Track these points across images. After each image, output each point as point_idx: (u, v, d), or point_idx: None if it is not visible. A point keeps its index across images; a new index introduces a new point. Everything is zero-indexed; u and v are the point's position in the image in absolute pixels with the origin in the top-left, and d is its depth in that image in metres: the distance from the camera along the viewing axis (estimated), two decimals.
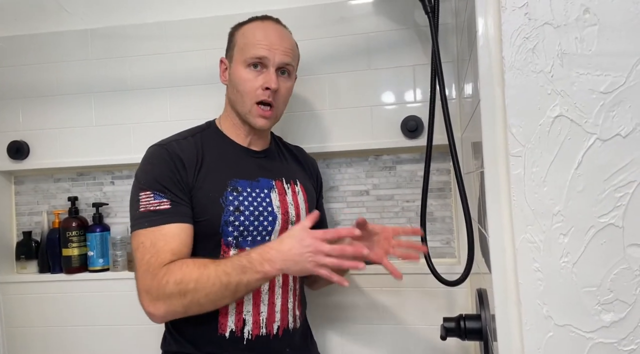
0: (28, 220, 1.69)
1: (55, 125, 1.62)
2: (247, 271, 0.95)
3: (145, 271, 0.97)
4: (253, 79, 1.10)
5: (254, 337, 1.08)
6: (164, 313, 0.97)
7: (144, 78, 1.59)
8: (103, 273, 1.58)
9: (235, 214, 1.07)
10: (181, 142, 1.11)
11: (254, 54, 1.10)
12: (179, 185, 1.04)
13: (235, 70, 1.12)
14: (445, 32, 1.41)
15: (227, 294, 0.96)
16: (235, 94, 1.13)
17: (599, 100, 0.67)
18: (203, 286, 0.94)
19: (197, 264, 0.97)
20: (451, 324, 1.03)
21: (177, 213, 1.02)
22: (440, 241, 1.48)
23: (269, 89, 1.10)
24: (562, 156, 0.68)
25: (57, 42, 1.62)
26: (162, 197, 1.02)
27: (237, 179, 1.11)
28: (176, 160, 1.06)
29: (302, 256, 0.93)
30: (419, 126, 1.42)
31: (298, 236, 0.94)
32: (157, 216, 1.01)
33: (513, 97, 0.69)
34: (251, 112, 1.12)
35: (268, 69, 1.11)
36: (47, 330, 1.60)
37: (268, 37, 1.11)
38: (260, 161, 1.18)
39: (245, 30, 1.14)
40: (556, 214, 0.68)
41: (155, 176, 1.04)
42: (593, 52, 0.67)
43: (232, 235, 1.07)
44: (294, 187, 1.20)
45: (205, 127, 1.20)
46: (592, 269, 0.67)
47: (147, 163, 1.08)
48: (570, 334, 0.67)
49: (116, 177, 1.65)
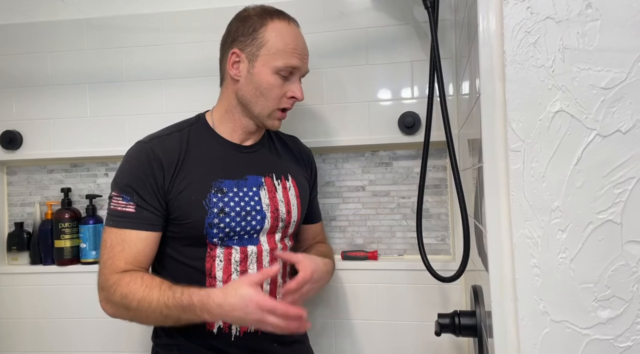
0: (20, 211, 1.67)
1: (49, 115, 1.61)
2: (187, 312, 0.94)
3: (101, 269, 1.03)
4: (280, 86, 1.09)
5: (241, 333, 1.08)
6: (112, 313, 1.02)
7: (140, 69, 1.57)
8: (95, 265, 1.54)
9: (220, 216, 1.06)
10: (164, 139, 1.09)
11: (289, 64, 1.08)
12: (149, 189, 1.04)
13: (262, 73, 1.08)
14: (444, 28, 1.41)
15: (168, 322, 0.98)
16: (257, 96, 1.09)
17: (600, 96, 0.66)
18: (145, 309, 0.96)
19: (144, 284, 0.97)
20: (446, 320, 1.03)
21: (140, 219, 1.03)
22: (436, 237, 1.48)
23: (294, 98, 1.11)
24: (561, 151, 0.68)
25: (52, 32, 1.60)
26: (129, 200, 1.04)
27: (223, 179, 1.09)
28: (153, 161, 1.05)
29: (244, 320, 0.92)
30: (416, 122, 1.41)
31: (246, 298, 0.90)
32: (121, 217, 1.04)
33: (513, 92, 0.69)
34: (271, 116, 1.12)
35: (295, 78, 1.11)
36: (38, 322, 1.59)
37: (299, 46, 1.11)
38: (249, 156, 1.16)
39: (275, 31, 1.08)
40: (555, 209, 0.68)
41: (128, 177, 1.05)
42: (595, 48, 0.66)
43: (217, 236, 1.06)
44: (284, 183, 1.18)
45: (194, 121, 1.16)
46: (589, 265, 0.67)
47: (125, 161, 1.08)
48: (566, 330, 0.67)
49: (110, 169, 1.63)
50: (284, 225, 1.15)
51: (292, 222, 1.17)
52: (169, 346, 1.11)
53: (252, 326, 0.97)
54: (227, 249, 1.08)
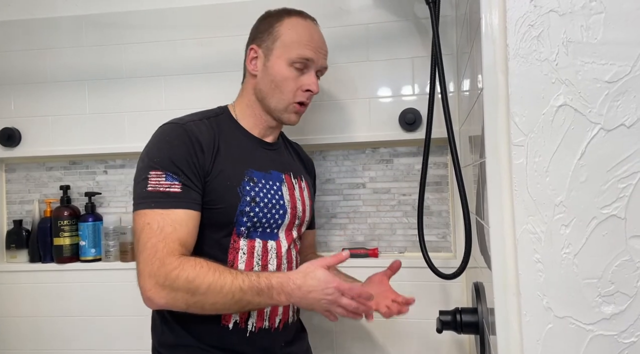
0: (19, 208, 1.66)
1: (48, 112, 1.60)
2: (262, 295, 0.93)
3: (152, 255, 0.93)
4: (295, 78, 1.09)
5: (257, 329, 1.07)
6: (164, 302, 0.94)
7: (139, 66, 1.56)
8: (95, 263, 1.56)
9: (252, 205, 1.05)
10: (198, 123, 1.05)
11: (302, 55, 1.08)
12: (194, 169, 0.99)
13: (276, 66, 1.09)
14: (445, 24, 1.40)
15: (234, 308, 0.96)
16: (273, 89, 1.10)
17: (604, 89, 0.66)
18: (214, 293, 0.92)
19: (212, 268, 0.93)
20: (447, 317, 1.02)
21: (187, 198, 0.98)
22: (437, 235, 1.47)
23: (309, 91, 1.11)
24: (565, 145, 0.67)
25: (51, 28, 1.60)
26: (175, 179, 0.97)
27: (253, 170, 1.09)
28: (194, 142, 1.01)
29: (319, 302, 0.94)
30: (417, 119, 1.41)
31: (324, 280, 0.93)
32: (166, 198, 0.96)
33: (516, 86, 0.68)
34: (288, 109, 1.11)
35: (310, 71, 1.11)
36: (37, 320, 1.58)
37: (314, 39, 1.11)
38: (272, 153, 1.17)
39: (290, 25, 1.10)
40: (558, 204, 0.67)
41: (171, 156, 0.99)
42: (598, 41, 0.66)
43: (245, 225, 1.05)
44: (300, 182, 1.20)
45: (219, 112, 1.14)
46: (593, 260, 0.66)
47: (162, 140, 1.02)
48: (570, 325, 0.67)
49: (109, 167, 1.63)
50: (299, 223, 1.17)
51: (305, 221, 1.19)
52: (174, 346, 1.07)
53: (320, 309, 0.95)
54: (251, 241, 1.07)
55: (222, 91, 1.23)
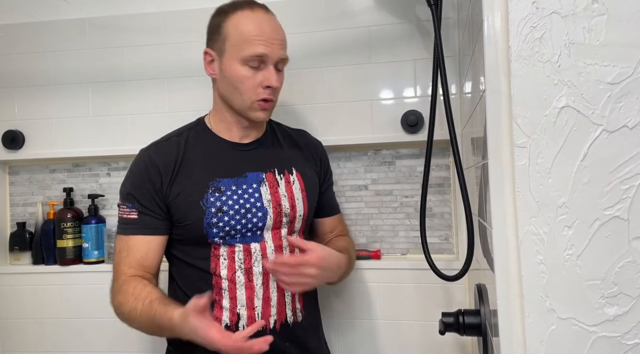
0: (22, 211, 1.67)
1: (51, 115, 1.60)
2: (165, 330, 1.00)
3: (113, 274, 1.09)
4: (252, 76, 1.06)
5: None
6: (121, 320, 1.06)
7: (142, 69, 1.57)
8: (98, 265, 1.56)
9: (218, 216, 1.07)
10: (162, 144, 1.14)
11: (252, 52, 1.04)
12: (148, 195, 1.08)
13: (230, 67, 1.06)
14: (447, 27, 1.41)
15: (157, 334, 1.05)
16: (232, 92, 1.09)
17: (606, 91, 0.66)
18: (134, 319, 1.02)
19: (134, 295, 1.02)
20: (450, 319, 1.02)
21: (142, 224, 1.08)
22: (439, 236, 1.47)
23: (269, 87, 1.07)
24: (567, 147, 0.67)
25: (54, 31, 1.60)
26: (131, 207, 1.09)
27: (220, 179, 1.09)
28: (151, 168, 1.09)
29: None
30: (419, 121, 1.41)
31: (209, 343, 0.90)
32: (127, 225, 1.09)
33: (519, 87, 0.69)
34: (252, 108, 1.09)
35: (267, 66, 1.06)
36: (41, 322, 1.58)
37: (264, 31, 1.05)
38: (249, 153, 1.15)
39: (235, 21, 1.06)
40: (561, 206, 0.67)
41: (129, 186, 1.10)
42: (601, 43, 0.66)
43: (217, 235, 1.07)
44: (288, 177, 1.17)
45: (194, 125, 1.18)
46: (596, 262, 0.66)
47: (129, 170, 1.13)
48: (573, 327, 0.67)
49: (112, 169, 1.63)
50: (289, 220, 1.14)
51: (297, 217, 1.16)
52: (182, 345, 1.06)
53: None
54: (230, 247, 1.08)
55: None
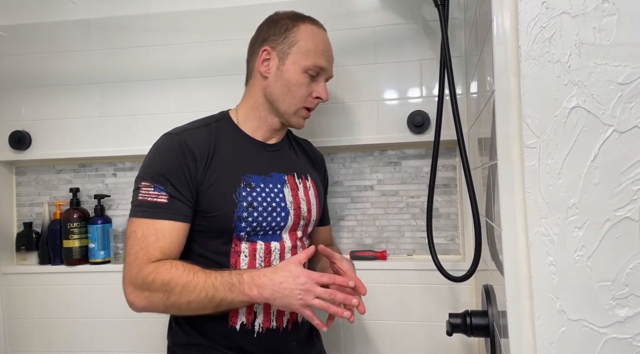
0: (29, 211, 1.68)
1: (58, 115, 1.61)
2: (234, 290, 0.95)
3: (132, 261, 0.99)
4: (307, 85, 1.12)
5: (264, 330, 1.07)
6: (144, 305, 0.99)
7: (148, 69, 1.57)
8: (104, 265, 1.56)
9: (249, 210, 1.06)
10: (194, 132, 1.08)
11: (317, 63, 1.11)
12: (183, 179, 1.02)
13: (291, 70, 1.10)
14: (453, 27, 1.40)
15: (209, 306, 0.97)
16: (285, 93, 1.11)
17: (617, 91, 0.65)
18: (188, 293, 0.95)
19: (186, 269, 0.97)
20: (457, 320, 1.02)
21: (173, 209, 1.01)
22: (445, 237, 1.47)
23: (318, 98, 1.14)
24: (578, 147, 0.67)
25: (60, 32, 1.61)
26: (162, 190, 1.01)
27: (251, 175, 1.10)
28: (187, 152, 1.03)
29: (292, 292, 0.94)
30: (425, 121, 1.41)
31: (294, 271, 0.95)
32: (152, 208, 1.01)
33: (529, 88, 0.68)
34: (297, 114, 1.14)
35: (321, 78, 1.14)
36: (47, 322, 1.59)
37: (327, 49, 1.14)
38: (273, 155, 1.17)
39: (308, 31, 1.12)
40: (571, 207, 0.67)
41: (160, 167, 1.03)
42: (612, 42, 0.66)
43: (244, 230, 1.06)
44: (305, 182, 1.20)
45: (220, 117, 1.17)
46: (607, 263, 0.66)
47: (156, 152, 1.06)
48: (583, 329, 0.66)
49: (118, 169, 1.63)
50: (305, 223, 1.17)
51: (312, 221, 1.19)
52: (187, 345, 1.09)
53: (297, 304, 0.94)
54: (252, 244, 1.08)
55: (231, 94, 1.23)
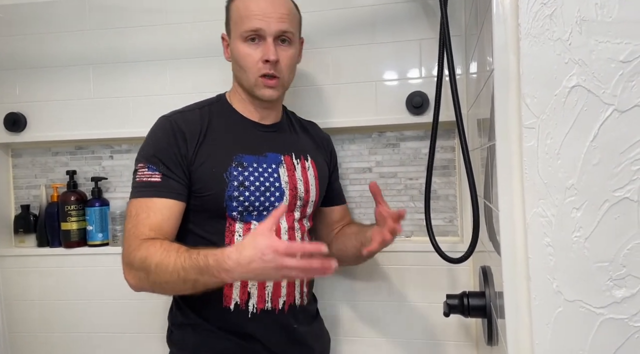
0: (26, 193, 1.67)
1: (53, 97, 1.59)
2: (203, 274, 0.90)
3: (126, 239, 1.01)
4: (252, 52, 1.09)
5: (258, 311, 1.08)
6: (135, 283, 0.99)
7: (144, 50, 1.55)
8: (102, 247, 1.56)
9: (240, 190, 1.06)
10: (186, 114, 1.12)
11: (248, 27, 1.07)
12: (175, 159, 1.05)
13: (235, 46, 1.11)
14: (453, 5, 1.37)
15: (185, 287, 0.93)
16: (239, 70, 1.12)
17: (618, 69, 0.64)
18: (162, 272, 0.93)
19: (162, 248, 0.95)
20: (454, 301, 1.02)
21: (166, 187, 1.03)
22: (443, 219, 1.47)
23: (268, 62, 1.07)
24: (577, 127, 0.66)
25: (54, 12, 1.58)
26: (155, 170, 1.04)
27: (243, 155, 1.10)
28: (177, 133, 1.06)
29: (264, 270, 0.85)
30: (424, 102, 1.39)
31: (259, 248, 0.84)
32: (146, 187, 1.04)
33: (528, 66, 0.67)
34: (256, 85, 1.10)
35: (265, 41, 1.08)
36: (45, 304, 1.60)
37: (260, 7, 1.08)
38: (269, 135, 1.17)
39: (237, 2, 1.11)
40: (569, 187, 0.66)
41: (153, 148, 1.06)
42: (613, 19, 0.64)
43: (236, 210, 1.07)
44: (303, 162, 1.19)
45: (215, 100, 1.19)
46: (604, 244, 0.65)
47: (150, 135, 1.10)
48: (580, 309, 0.66)
49: (115, 152, 1.62)
50: (302, 204, 1.16)
51: (310, 202, 1.18)
52: (183, 325, 1.11)
53: (274, 278, 0.94)
54: (246, 224, 1.08)
55: (227, 75, 1.22)
